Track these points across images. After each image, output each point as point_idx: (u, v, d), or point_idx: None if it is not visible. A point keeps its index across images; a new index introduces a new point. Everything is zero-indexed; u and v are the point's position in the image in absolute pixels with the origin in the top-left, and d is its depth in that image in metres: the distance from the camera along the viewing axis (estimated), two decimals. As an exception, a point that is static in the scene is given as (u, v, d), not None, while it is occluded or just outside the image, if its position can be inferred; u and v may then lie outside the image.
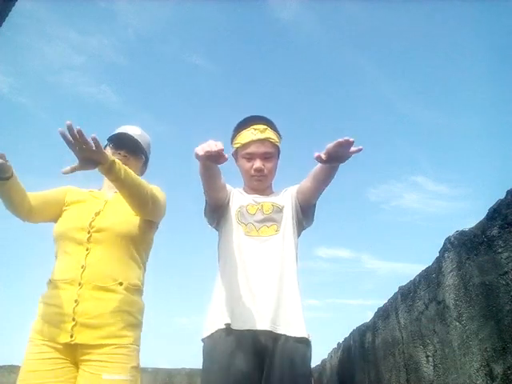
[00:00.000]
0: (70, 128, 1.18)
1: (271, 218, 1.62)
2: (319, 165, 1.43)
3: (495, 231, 1.05)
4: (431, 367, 1.49)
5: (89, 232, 1.45)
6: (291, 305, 1.49)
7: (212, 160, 1.29)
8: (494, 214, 1.06)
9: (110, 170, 1.32)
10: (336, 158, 1.32)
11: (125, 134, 1.64)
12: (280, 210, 1.65)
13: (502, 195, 1.04)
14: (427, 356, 1.53)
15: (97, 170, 1.33)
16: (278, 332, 1.43)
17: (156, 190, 1.55)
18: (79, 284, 1.39)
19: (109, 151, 1.61)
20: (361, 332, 2.78)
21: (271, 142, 1.65)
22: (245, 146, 1.65)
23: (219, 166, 1.40)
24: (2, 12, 1.16)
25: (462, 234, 1.26)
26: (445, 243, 1.38)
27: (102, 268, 1.42)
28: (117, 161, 1.35)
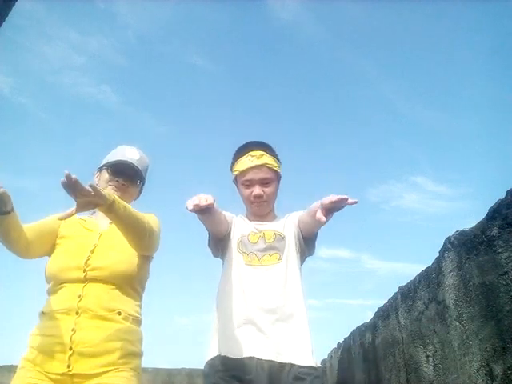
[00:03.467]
0: (68, 176, 1.15)
1: (273, 247, 1.61)
2: (318, 204, 1.44)
3: (495, 231, 1.05)
4: (431, 367, 1.49)
5: (84, 271, 1.41)
6: (296, 333, 1.46)
7: (201, 212, 1.37)
8: (494, 214, 1.06)
9: (109, 210, 1.29)
10: (332, 209, 1.36)
11: (125, 161, 1.60)
12: (282, 238, 1.64)
13: (502, 195, 1.04)
14: (427, 356, 1.54)
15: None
16: (282, 361, 1.40)
17: (151, 219, 1.53)
18: (76, 313, 1.34)
19: (106, 176, 1.59)
20: (361, 332, 2.78)
21: (268, 167, 1.65)
22: (243, 173, 1.66)
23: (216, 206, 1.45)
24: (1, 12, 1.16)
25: (462, 233, 1.26)
26: (445, 243, 1.38)
27: (100, 298, 1.39)
28: (116, 199, 1.32)
